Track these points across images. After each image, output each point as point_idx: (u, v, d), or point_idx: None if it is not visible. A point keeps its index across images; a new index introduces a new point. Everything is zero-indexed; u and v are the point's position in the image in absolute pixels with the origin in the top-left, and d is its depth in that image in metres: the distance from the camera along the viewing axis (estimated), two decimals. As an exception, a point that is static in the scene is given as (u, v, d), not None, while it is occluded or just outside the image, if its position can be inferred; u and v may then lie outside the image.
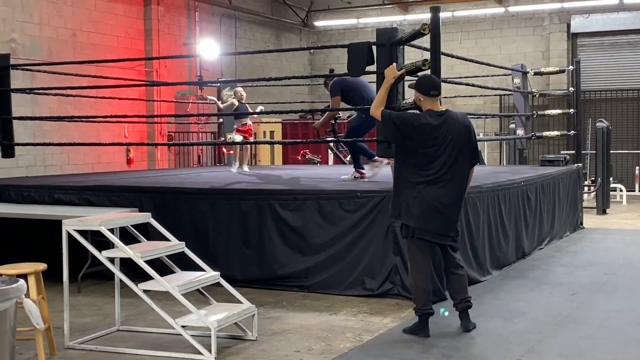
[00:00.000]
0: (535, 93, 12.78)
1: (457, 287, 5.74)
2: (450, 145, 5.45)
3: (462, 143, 5.52)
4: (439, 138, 5.44)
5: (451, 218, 5.57)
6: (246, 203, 7.47)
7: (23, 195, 8.34)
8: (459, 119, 5.58)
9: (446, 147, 5.44)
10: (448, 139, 5.45)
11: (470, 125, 5.66)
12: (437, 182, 5.46)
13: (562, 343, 5.41)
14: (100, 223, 5.53)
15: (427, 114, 5.52)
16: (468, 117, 5.80)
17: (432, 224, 5.50)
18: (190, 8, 16.68)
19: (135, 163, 15.00)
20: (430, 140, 5.44)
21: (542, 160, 12.07)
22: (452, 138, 5.46)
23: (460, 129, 5.53)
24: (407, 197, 5.53)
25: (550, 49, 18.71)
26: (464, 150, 5.54)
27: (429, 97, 5.57)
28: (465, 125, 5.59)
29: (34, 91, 10.54)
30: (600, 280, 7.59)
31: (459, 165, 5.53)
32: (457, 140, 5.49)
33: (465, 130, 5.57)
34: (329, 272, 7.06)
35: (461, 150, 5.51)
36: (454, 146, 5.47)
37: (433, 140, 5.44)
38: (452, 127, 5.49)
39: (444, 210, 5.49)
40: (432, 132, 5.44)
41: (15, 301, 3.80)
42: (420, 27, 6.83)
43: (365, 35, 18.52)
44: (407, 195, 5.53)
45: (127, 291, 5.71)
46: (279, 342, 5.48)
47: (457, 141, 5.48)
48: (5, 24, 12.37)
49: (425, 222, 5.48)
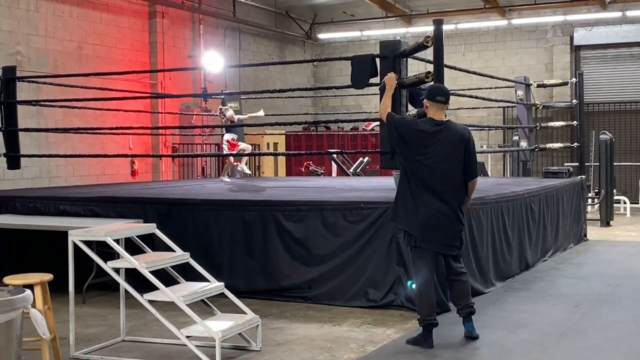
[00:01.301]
0: (538, 105, 12.81)
1: (460, 293, 5.76)
2: (443, 155, 5.50)
3: (456, 155, 5.55)
4: (431, 147, 5.51)
5: (452, 228, 5.59)
6: (250, 214, 7.50)
7: (29, 207, 8.38)
8: (457, 131, 5.62)
9: (439, 157, 5.49)
10: (439, 149, 5.50)
11: (469, 138, 5.67)
12: (435, 191, 5.50)
13: (565, 354, 5.42)
14: (106, 234, 5.57)
15: (427, 122, 5.60)
16: (469, 130, 5.82)
17: (433, 234, 5.53)
18: (195, 21, 16.77)
19: (140, 175, 15.04)
20: (422, 148, 5.52)
21: (545, 172, 12.10)
22: (445, 148, 5.51)
23: (456, 141, 5.56)
24: (407, 204, 5.59)
25: (553, 61, 18.76)
26: (459, 162, 5.57)
27: (434, 104, 5.63)
28: (463, 138, 5.61)
29: (39, 103, 10.61)
30: (604, 291, 7.59)
31: (454, 177, 5.57)
32: (451, 151, 5.53)
33: (460, 142, 5.59)
34: (333, 283, 7.08)
35: (457, 162, 5.55)
36: (448, 157, 5.52)
37: (425, 147, 5.51)
38: (448, 137, 5.54)
39: (444, 220, 5.53)
40: (426, 140, 5.52)
41: (21, 311, 3.84)
42: (424, 39, 6.88)
43: (369, 48, 18.60)
44: (407, 202, 5.59)
45: (132, 302, 5.74)
46: (283, 353, 5.50)
47: (450, 152, 5.53)
48: (11, 36, 12.46)
49: (427, 231, 5.52)
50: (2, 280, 4.96)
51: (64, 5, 13.47)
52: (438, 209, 5.50)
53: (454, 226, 5.60)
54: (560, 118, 16.72)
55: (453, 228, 5.60)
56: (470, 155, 5.67)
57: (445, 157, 5.52)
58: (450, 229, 5.59)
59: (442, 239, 5.57)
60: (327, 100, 20.75)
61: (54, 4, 13.27)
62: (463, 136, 5.64)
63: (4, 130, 9.03)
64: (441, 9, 18.76)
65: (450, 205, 5.56)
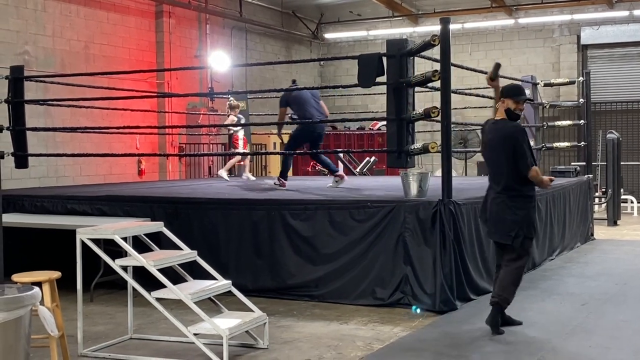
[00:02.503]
0: (545, 104, 12.80)
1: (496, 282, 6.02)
2: (488, 152, 6.02)
3: (499, 151, 5.88)
4: (484, 144, 6.13)
5: (499, 221, 5.89)
6: (257, 213, 7.52)
7: (37, 206, 8.42)
8: (498, 129, 5.94)
9: (487, 154, 6.05)
10: (487, 146, 6.04)
11: (509, 135, 5.86)
12: (490, 187, 6.05)
13: (572, 352, 5.42)
14: (114, 232, 5.59)
15: (489, 121, 6.12)
16: (512, 127, 5.93)
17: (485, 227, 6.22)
18: (202, 20, 16.79)
19: (147, 174, 15.06)
20: (481, 145, 6.22)
21: (552, 172, 12.08)
22: (490, 146, 5.99)
23: (497, 138, 5.92)
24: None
25: (560, 60, 18.71)
26: (502, 158, 5.86)
27: (502, 104, 5.97)
28: (503, 135, 5.88)
29: (47, 103, 10.63)
30: (611, 290, 7.58)
31: (500, 172, 5.89)
32: (494, 148, 5.95)
33: (499, 139, 5.90)
34: (340, 281, 7.09)
35: (500, 158, 5.89)
36: (492, 153, 5.97)
37: (481, 145, 6.23)
38: (493, 135, 5.96)
39: (493, 214, 5.95)
40: (482, 137, 6.19)
41: (30, 308, 3.86)
42: (430, 38, 6.88)
43: (375, 47, 18.58)
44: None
45: (139, 300, 5.76)
46: (290, 351, 5.51)
47: (493, 149, 5.96)
48: (19, 36, 12.50)
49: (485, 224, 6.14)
50: (11, 278, 4.99)
51: (71, 5, 13.50)
52: (486, 201, 6.23)
53: (499, 219, 6.01)
54: (567, 117, 16.68)
55: (496, 220, 6.03)
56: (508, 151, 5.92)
57: (492, 153, 6.08)
58: (495, 221, 6.03)
59: (490, 229, 6.16)
60: (333, 100, 20.72)
61: (62, 3, 13.31)
62: (504, 133, 5.96)
63: (12, 129, 9.06)
64: (448, 8, 18.73)
65: (498, 198, 6.00)
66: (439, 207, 6.69)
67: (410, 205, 6.88)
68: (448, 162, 6.87)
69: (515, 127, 5.90)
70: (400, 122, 7.07)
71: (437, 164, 8.62)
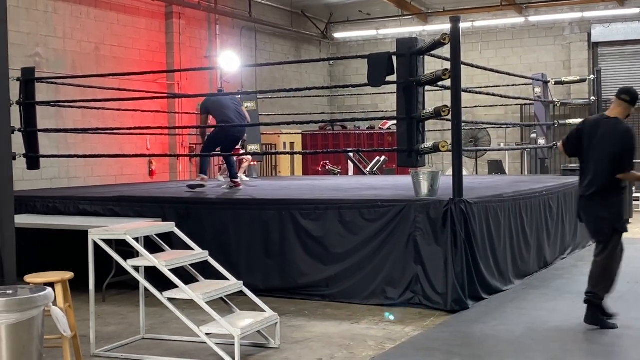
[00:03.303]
0: (556, 102, 12.75)
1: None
2: (593, 146, 6.04)
3: (605, 148, 5.97)
4: (582, 138, 6.14)
5: (592, 214, 6.09)
6: (267, 213, 7.52)
7: (49, 207, 8.45)
8: (604, 125, 6.04)
9: (591, 148, 6.06)
10: (588, 141, 6.05)
11: (617, 133, 5.99)
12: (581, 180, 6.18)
13: (584, 351, 5.41)
14: (126, 232, 5.61)
15: (592, 118, 6.44)
16: (622, 125, 6.05)
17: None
18: (211, 21, 16.83)
19: (158, 175, 15.11)
20: (575, 139, 6.25)
21: (563, 170, 12.05)
22: (592, 141, 6.02)
23: (602, 135, 6.00)
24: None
25: (571, 58, 18.65)
26: (605, 154, 5.96)
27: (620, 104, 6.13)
28: (611, 133, 5.97)
29: (58, 104, 10.68)
30: (623, 289, 7.51)
31: (602, 169, 5.98)
32: (597, 144, 6.00)
33: (602, 136, 5.99)
34: (350, 281, 7.08)
35: (603, 154, 5.97)
36: (596, 150, 6.02)
37: (574, 139, 6.26)
38: (598, 132, 6.04)
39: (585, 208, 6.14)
40: (583, 132, 6.18)
41: (43, 309, 3.88)
42: (440, 37, 6.87)
43: (385, 47, 18.58)
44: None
45: (151, 300, 5.78)
46: (301, 350, 5.51)
47: (596, 145, 6.01)
48: (30, 38, 12.56)
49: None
50: (24, 278, 5.01)
51: (82, 7, 13.56)
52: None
53: (591, 212, 6.21)
54: (578, 115, 16.57)
55: (589, 214, 6.25)
56: (610, 148, 6.03)
57: (591, 148, 6.16)
58: (588, 214, 6.25)
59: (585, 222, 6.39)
60: (343, 99, 20.74)
61: (72, 5, 13.36)
62: (612, 131, 6.07)
63: (24, 131, 9.10)
64: (457, 6, 18.69)
65: (589, 191, 6.15)
66: (450, 206, 6.68)
67: (421, 205, 6.87)
68: (459, 161, 6.86)
69: (629, 127, 6.08)
70: (410, 121, 7.06)
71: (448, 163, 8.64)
